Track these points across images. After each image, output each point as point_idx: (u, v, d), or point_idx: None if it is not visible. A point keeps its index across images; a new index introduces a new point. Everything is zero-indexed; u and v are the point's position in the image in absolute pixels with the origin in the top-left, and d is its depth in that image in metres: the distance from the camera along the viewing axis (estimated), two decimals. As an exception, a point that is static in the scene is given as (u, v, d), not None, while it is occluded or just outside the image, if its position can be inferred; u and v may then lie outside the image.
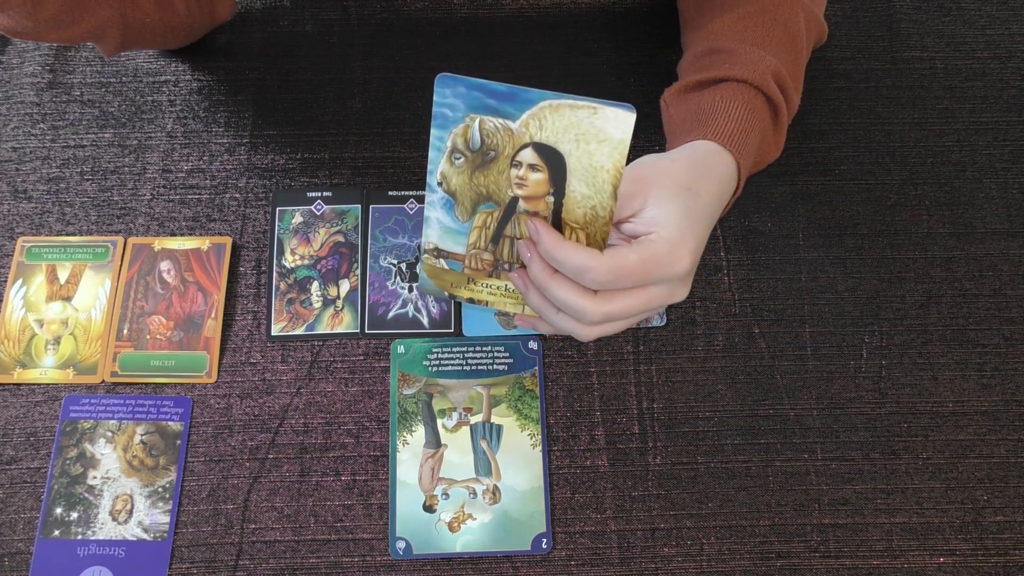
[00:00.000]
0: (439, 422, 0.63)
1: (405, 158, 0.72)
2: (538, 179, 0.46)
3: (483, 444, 0.62)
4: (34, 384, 0.64)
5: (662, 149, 0.72)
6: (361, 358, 0.65)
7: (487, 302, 0.56)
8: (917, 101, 0.75)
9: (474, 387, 0.64)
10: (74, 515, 0.60)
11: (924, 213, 0.70)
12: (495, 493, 0.61)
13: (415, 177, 0.71)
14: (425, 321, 0.66)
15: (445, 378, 0.64)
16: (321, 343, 0.66)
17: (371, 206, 0.70)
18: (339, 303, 0.67)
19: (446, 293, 0.56)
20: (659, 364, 0.65)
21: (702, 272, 0.68)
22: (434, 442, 0.63)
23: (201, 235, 0.69)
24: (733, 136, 0.53)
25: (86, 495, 0.61)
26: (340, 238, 0.69)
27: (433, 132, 0.46)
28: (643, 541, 0.60)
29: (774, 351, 0.66)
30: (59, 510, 0.61)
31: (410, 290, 0.67)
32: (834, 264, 0.68)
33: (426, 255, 0.53)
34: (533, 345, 0.65)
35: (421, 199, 0.70)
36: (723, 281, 0.68)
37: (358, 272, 0.68)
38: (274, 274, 0.68)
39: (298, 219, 0.69)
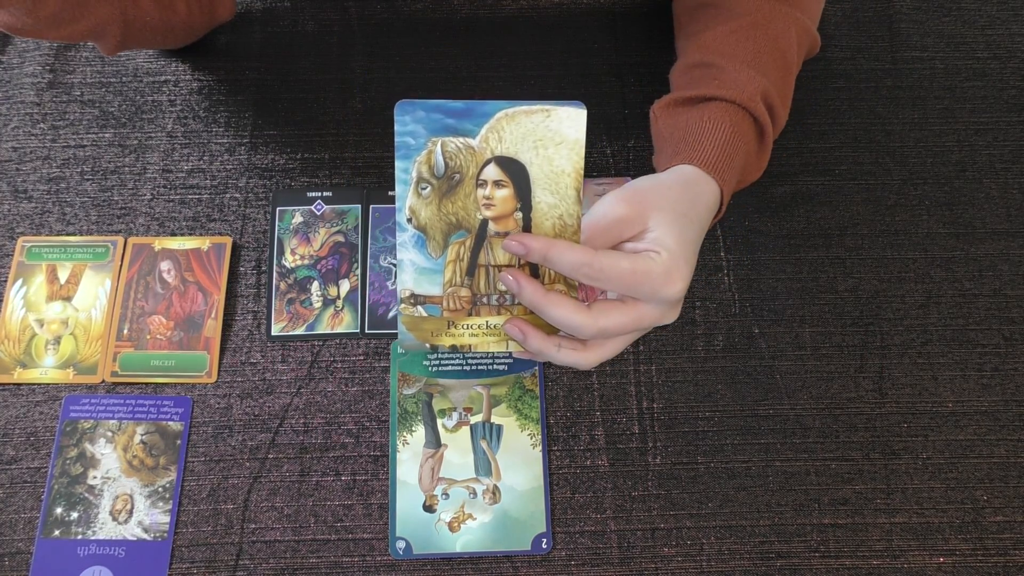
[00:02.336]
0: (439, 422, 0.63)
1: (405, 158, 0.72)
2: (504, 195, 0.46)
3: (483, 444, 0.62)
4: (34, 384, 0.64)
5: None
6: (361, 358, 0.65)
7: (470, 346, 0.53)
8: (917, 101, 0.75)
9: (474, 387, 0.64)
10: (74, 515, 0.60)
11: (924, 213, 0.70)
12: (495, 493, 0.61)
13: (415, 177, 0.71)
14: (425, 321, 0.66)
15: (445, 378, 0.64)
16: (321, 343, 0.66)
17: (371, 206, 0.70)
18: (339, 303, 0.67)
19: (427, 345, 0.52)
20: (659, 364, 0.65)
21: (702, 272, 0.68)
22: (434, 442, 0.63)
23: (201, 235, 0.69)
24: (718, 163, 0.54)
25: (86, 495, 0.61)
26: (340, 238, 0.69)
27: (398, 165, 0.45)
28: (643, 541, 0.60)
29: (774, 351, 0.66)
30: (59, 510, 0.61)
31: (410, 290, 0.67)
32: (834, 264, 0.68)
33: (403, 305, 0.50)
34: (533, 345, 0.65)
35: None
36: (723, 281, 0.68)
37: (358, 272, 0.68)
38: (274, 274, 0.68)
39: (298, 219, 0.69)
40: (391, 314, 0.66)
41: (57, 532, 0.60)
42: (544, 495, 0.61)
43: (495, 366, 0.65)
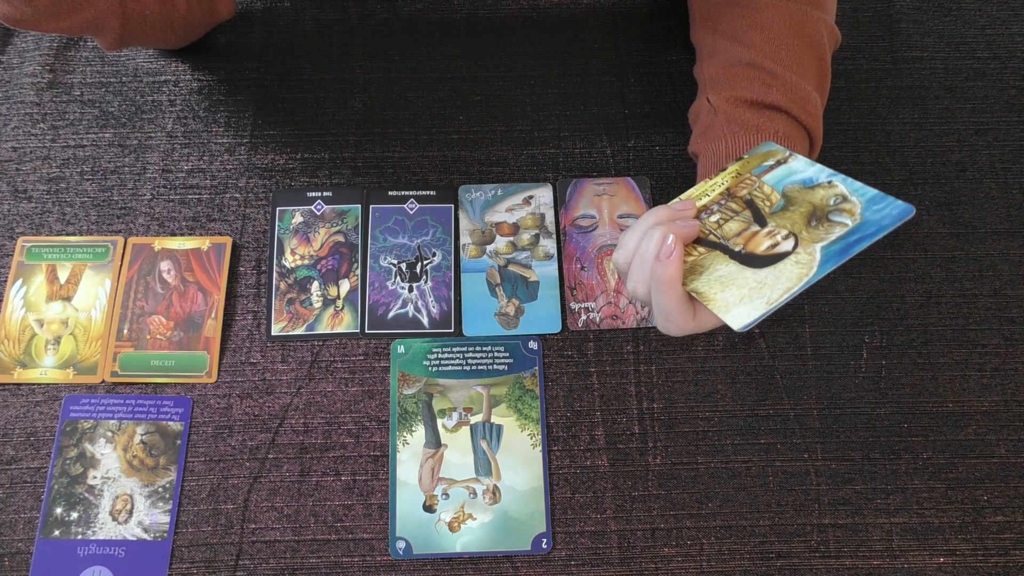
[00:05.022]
0: (439, 422, 0.63)
1: (405, 158, 0.72)
2: (775, 242, 0.48)
3: (483, 444, 0.62)
4: (34, 384, 0.64)
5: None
6: (361, 358, 0.65)
7: (692, 191, 0.55)
8: (917, 101, 0.75)
9: (474, 387, 0.64)
10: (74, 515, 0.60)
11: (924, 213, 0.70)
12: (495, 493, 0.61)
13: (415, 177, 0.71)
14: (425, 321, 0.66)
15: (445, 378, 0.64)
16: (321, 343, 0.66)
17: (371, 206, 0.70)
18: (339, 303, 0.67)
19: (745, 156, 0.56)
20: (659, 364, 0.65)
21: (702, 272, 0.68)
22: (434, 442, 0.63)
23: (201, 235, 0.69)
24: None
25: (86, 495, 0.61)
26: (340, 238, 0.69)
27: (815, 167, 0.50)
28: (643, 541, 0.60)
29: (774, 351, 0.66)
30: (59, 510, 0.61)
31: (410, 290, 0.67)
32: (834, 264, 0.68)
33: (784, 157, 0.53)
34: (533, 345, 0.65)
35: (421, 199, 0.70)
36: (723, 281, 0.68)
37: (358, 272, 0.68)
38: (274, 274, 0.68)
39: (298, 219, 0.69)
40: (390, 315, 0.66)
41: (57, 532, 0.60)
42: (544, 495, 0.61)
43: (495, 366, 0.65)
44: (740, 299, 0.46)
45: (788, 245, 0.47)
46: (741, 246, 0.48)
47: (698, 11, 0.67)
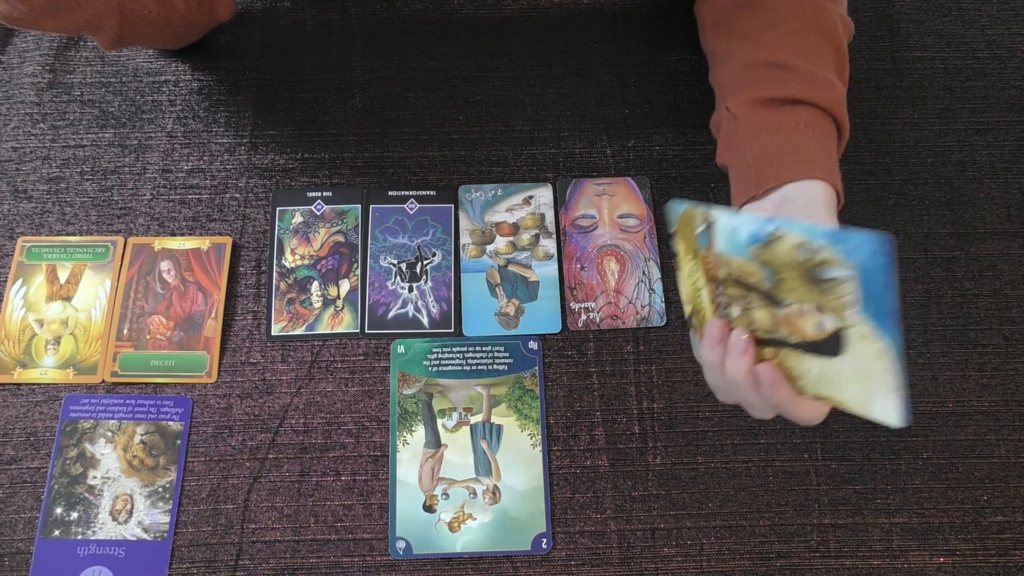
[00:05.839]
0: (439, 422, 0.63)
1: (405, 158, 0.72)
2: (804, 322, 0.44)
3: (483, 444, 0.62)
4: (34, 384, 0.64)
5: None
6: (361, 358, 0.65)
7: (683, 287, 0.51)
8: (917, 101, 0.75)
9: (474, 387, 0.64)
10: (74, 515, 0.60)
11: (924, 213, 0.70)
12: (495, 493, 0.61)
13: (415, 177, 0.71)
14: (425, 321, 0.66)
15: (445, 378, 0.64)
16: (321, 343, 0.66)
17: (371, 206, 0.70)
18: (339, 303, 0.67)
19: (674, 228, 0.50)
20: (659, 364, 0.65)
21: (702, 272, 0.68)
22: (434, 442, 0.63)
23: (201, 235, 0.69)
24: (830, 167, 0.55)
25: (86, 495, 0.61)
26: (340, 238, 0.69)
27: (745, 217, 0.44)
28: (643, 541, 0.60)
29: (774, 351, 0.66)
30: (59, 510, 0.61)
31: (410, 290, 0.67)
32: (834, 264, 0.68)
33: (702, 209, 0.47)
34: (533, 345, 0.65)
35: (421, 199, 0.70)
36: (723, 281, 0.68)
37: (358, 272, 0.68)
38: (274, 274, 0.68)
39: (298, 219, 0.69)
40: (390, 315, 0.66)
41: (57, 532, 0.60)
42: (544, 495, 0.61)
43: (495, 366, 0.65)
44: (867, 394, 0.42)
45: (830, 321, 0.43)
46: (794, 336, 0.45)
47: (708, 16, 0.66)
